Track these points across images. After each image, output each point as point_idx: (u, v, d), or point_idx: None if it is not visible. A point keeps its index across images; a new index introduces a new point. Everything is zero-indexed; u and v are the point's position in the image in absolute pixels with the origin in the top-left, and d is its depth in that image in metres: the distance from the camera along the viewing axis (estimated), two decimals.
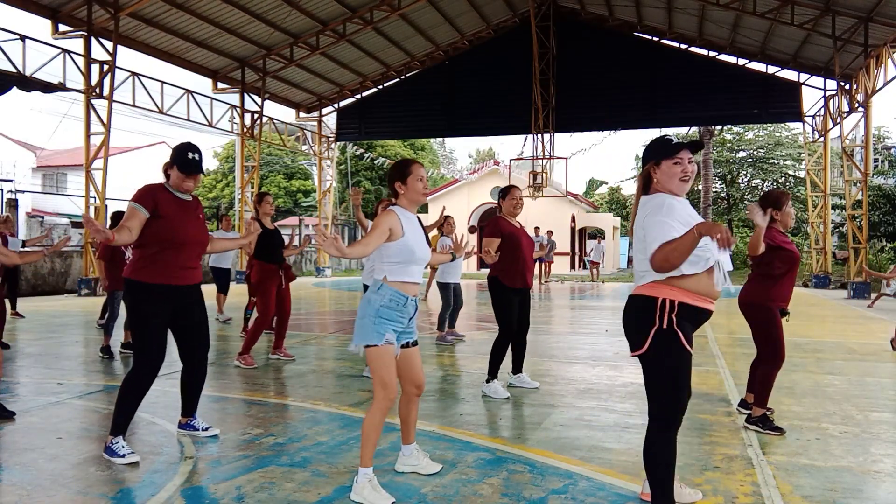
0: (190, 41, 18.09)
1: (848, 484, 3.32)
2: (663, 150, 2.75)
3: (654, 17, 20.88)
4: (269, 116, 23.31)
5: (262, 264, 6.64)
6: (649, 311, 2.65)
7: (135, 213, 3.66)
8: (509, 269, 5.17)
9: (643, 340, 2.66)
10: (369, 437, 3.06)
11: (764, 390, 4.21)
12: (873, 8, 15.27)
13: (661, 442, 2.69)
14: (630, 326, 2.77)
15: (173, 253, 3.74)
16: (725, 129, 34.92)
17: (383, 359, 3.11)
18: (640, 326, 2.68)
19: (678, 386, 2.66)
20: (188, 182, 3.82)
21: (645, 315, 2.66)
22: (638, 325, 2.71)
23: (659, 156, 2.75)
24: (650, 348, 2.64)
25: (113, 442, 3.60)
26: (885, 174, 29.49)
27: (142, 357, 3.71)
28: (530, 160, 23.03)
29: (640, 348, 2.68)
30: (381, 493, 3.01)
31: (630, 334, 2.77)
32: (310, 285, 20.62)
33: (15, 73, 14.09)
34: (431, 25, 21.77)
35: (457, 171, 39.71)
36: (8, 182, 25.12)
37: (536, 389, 5.40)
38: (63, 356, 7.13)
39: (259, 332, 6.57)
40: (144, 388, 3.70)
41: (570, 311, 12.66)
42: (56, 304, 13.48)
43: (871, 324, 10.54)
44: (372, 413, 3.09)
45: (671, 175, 2.71)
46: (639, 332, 2.69)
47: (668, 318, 2.62)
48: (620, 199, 44.30)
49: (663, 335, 2.62)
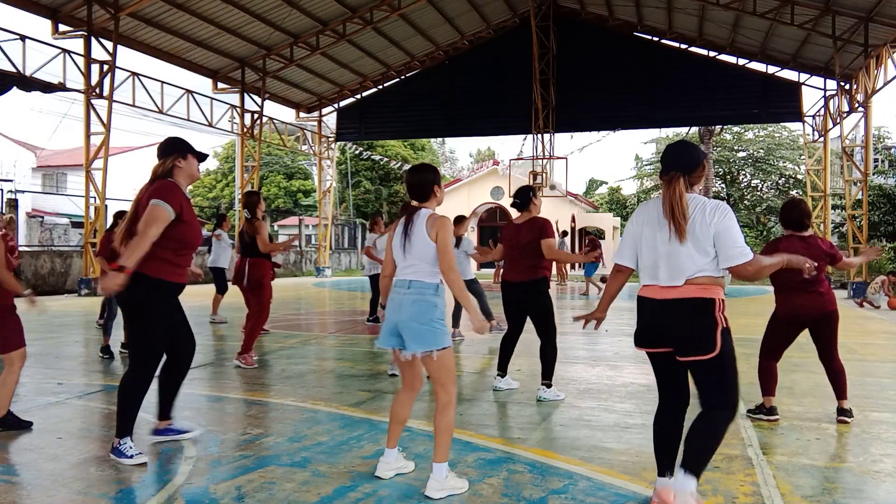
0: (190, 41, 18.08)
1: (848, 484, 3.32)
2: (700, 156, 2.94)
3: (654, 17, 20.88)
4: (269, 116, 23.31)
5: (265, 261, 6.68)
6: (709, 312, 2.74)
7: (163, 213, 3.52)
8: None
9: (713, 342, 2.73)
10: (449, 433, 3.18)
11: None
12: (873, 8, 15.26)
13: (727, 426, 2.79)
14: (688, 330, 2.77)
15: (188, 253, 3.76)
16: (725, 129, 34.91)
17: (452, 358, 3.24)
18: (705, 329, 2.74)
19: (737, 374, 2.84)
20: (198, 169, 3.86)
21: (707, 317, 2.74)
22: (702, 329, 2.75)
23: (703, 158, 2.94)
24: (721, 348, 2.73)
25: (120, 443, 3.56)
26: (885, 174, 29.50)
27: (147, 354, 3.65)
28: (530, 160, 23.02)
29: (712, 350, 2.73)
30: (460, 479, 3.21)
31: (690, 339, 2.77)
32: (310, 285, 20.62)
33: (15, 73, 14.09)
34: (431, 25, 21.76)
35: (457, 171, 39.72)
36: (8, 182, 25.12)
37: (537, 390, 5.39)
38: (63, 356, 7.13)
39: (259, 329, 6.57)
40: (148, 385, 3.67)
41: (570, 311, 12.65)
42: (56, 304, 13.48)
43: (871, 324, 10.53)
44: (449, 412, 3.19)
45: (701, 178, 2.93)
46: (706, 335, 2.74)
47: (724, 317, 2.77)
48: (620, 199, 44.30)
49: (725, 333, 2.75)
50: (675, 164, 2.88)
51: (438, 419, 3.19)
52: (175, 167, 3.74)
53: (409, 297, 3.22)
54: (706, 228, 2.76)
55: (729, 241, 2.75)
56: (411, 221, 3.29)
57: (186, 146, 3.81)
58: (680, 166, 2.87)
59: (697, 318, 2.76)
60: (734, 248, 2.75)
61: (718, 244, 2.76)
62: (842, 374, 4.42)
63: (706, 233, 2.76)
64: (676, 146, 2.97)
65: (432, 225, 3.24)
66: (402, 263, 3.31)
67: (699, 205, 2.82)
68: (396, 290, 3.30)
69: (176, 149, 3.77)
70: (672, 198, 2.82)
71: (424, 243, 3.23)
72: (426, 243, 3.23)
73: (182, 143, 3.81)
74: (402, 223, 3.32)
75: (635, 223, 3.03)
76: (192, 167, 3.81)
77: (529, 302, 5.19)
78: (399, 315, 3.22)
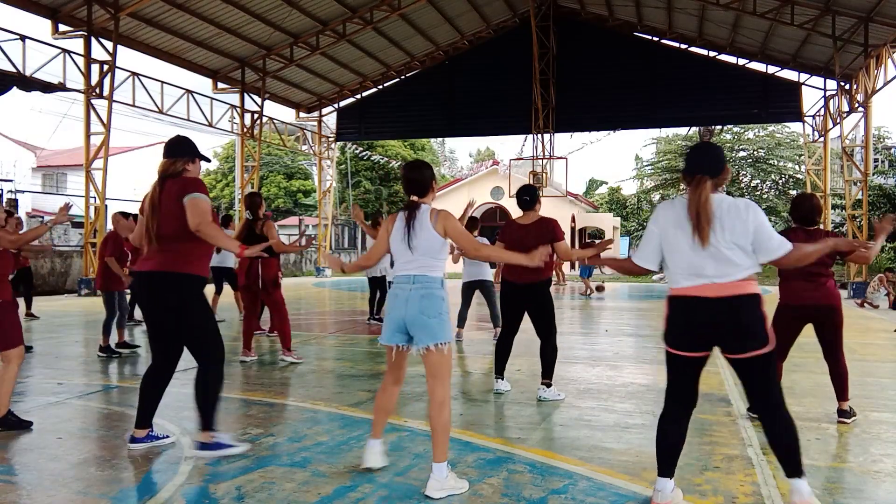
0: (190, 41, 18.09)
1: (848, 484, 3.32)
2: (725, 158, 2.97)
3: (654, 17, 20.88)
4: (269, 116, 23.32)
5: (275, 260, 6.74)
6: (759, 306, 2.80)
7: (209, 205, 3.65)
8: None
9: (766, 335, 2.79)
10: (447, 432, 3.18)
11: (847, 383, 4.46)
12: (873, 8, 15.26)
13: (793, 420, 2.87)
14: (747, 326, 2.79)
15: (211, 249, 3.83)
16: (725, 128, 34.90)
17: (451, 354, 3.24)
18: (760, 324, 2.79)
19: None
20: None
21: (760, 312, 2.80)
22: (758, 324, 2.79)
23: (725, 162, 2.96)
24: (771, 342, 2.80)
25: (216, 437, 3.65)
26: (885, 174, 29.49)
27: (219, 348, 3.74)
28: (530, 160, 23.03)
29: (767, 342, 2.79)
30: (460, 480, 3.21)
31: (748, 334, 2.79)
32: (310, 285, 20.62)
33: (15, 73, 14.09)
34: (431, 25, 21.77)
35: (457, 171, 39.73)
36: (8, 182, 25.13)
37: (537, 390, 5.39)
38: (63, 356, 7.13)
39: (288, 322, 6.75)
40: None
41: (569, 311, 12.66)
42: (56, 304, 13.48)
43: (871, 324, 10.53)
44: (445, 410, 3.18)
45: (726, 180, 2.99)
46: (761, 329, 2.79)
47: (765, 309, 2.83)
48: (620, 199, 44.27)
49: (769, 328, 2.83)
50: (701, 167, 2.87)
51: (436, 418, 3.19)
52: (185, 170, 3.75)
53: (416, 291, 3.22)
54: (746, 227, 2.79)
55: (766, 236, 2.81)
56: (414, 217, 3.29)
57: (195, 150, 3.83)
58: (706, 169, 2.86)
59: (754, 314, 2.80)
60: (772, 242, 2.81)
61: (757, 240, 2.81)
62: (845, 376, 4.42)
63: (746, 231, 2.79)
64: (701, 148, 2.98)
65: (437, 219, 3.26)
66: (405, 258, 3.30)
67: (731, 205, 2.83)
68: (400, 286, 3.29)
69: (186, 151, 3.78)
70: (698, 202, 2.81)
71: (430, 236, 3.25)
72: (432, 236, 3.24)
73: (192, 146, 3.83)
74: (404, 218, 3.31)
75: (660, 225, 2.96)
76: (198, 171, 3.85)
77: (534, 303, 5.14)
78: (407, 310, 3.21)
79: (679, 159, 33.29)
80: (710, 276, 2.81)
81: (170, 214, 3.61)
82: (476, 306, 9.23)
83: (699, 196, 2.82)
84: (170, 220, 3.61)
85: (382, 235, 3.45)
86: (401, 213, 3.36)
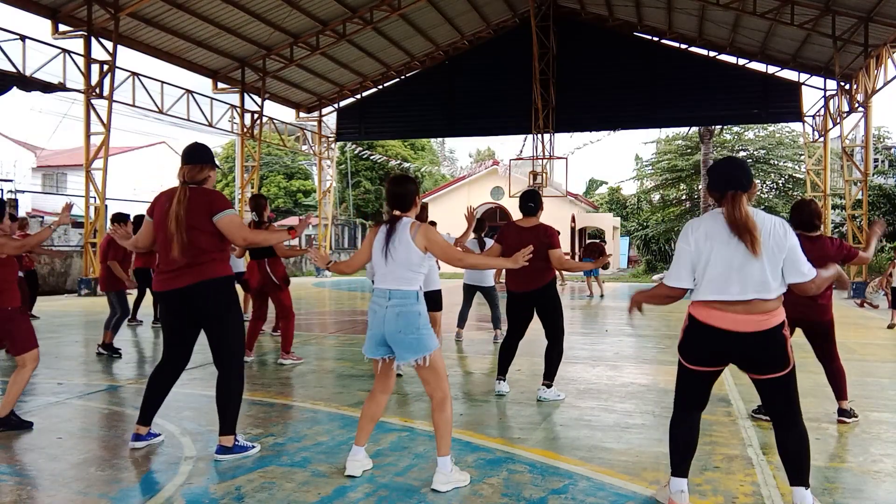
0: (190, 41, 18.07)
1: (848, 484, 3.32)
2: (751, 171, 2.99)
3: (654, 17, 20.87)
4: (269, 116, 23.30)
5: (280, 259, 6.74)
6: (783, 331, 2.82)
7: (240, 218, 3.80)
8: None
9: (789, 358, 2.83)
10: (449, 427, 3.26)
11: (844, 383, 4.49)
12: (873, 8, 15.26)
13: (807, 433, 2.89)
14: (773, 357, 2.83)
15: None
16: (725, 128, 34.90)
17: (441, 358, 3.33)
18: (784, 349, 2.82)
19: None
20: None
21: (783, 338, 2.82)
22: (782, 350, 2.82)
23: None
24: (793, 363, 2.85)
25: (238, 439, 3.70)
26: (885, 174, 29.49)
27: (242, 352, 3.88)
28: (530, 160, 23.03)
29: (789, 363, 2.83)
30: (462, 472, 3.31)
31: (770, 359, 2.83)
32: (310, 285, 20.62)
33: (15, 73, 14.08)
34: (431, 25, 21.76)
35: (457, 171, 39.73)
36: (8, 182, 25.14)
37: (538, 390, 5.39)
38: (63, 356, 7.13)
39: (293, 325, 6.76)
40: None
41: (569, 311, 12.65)
42: (56, 304, 13.48)
43: (871, 323, 10.53)
44: (446, 408, 3.27)
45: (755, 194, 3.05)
46: (784, 354, 2.83)
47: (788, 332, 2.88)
48: (620, 199, 44.26)
49: (791, 348, 2.87)
50: (733, 183, 2.85)
51: (437, 416, 3.27)
52: (208, 178, 3.78)
53: (391, 309, 3.27)
54: (782, 245, 2.79)
55: (800, 258, 2.82)
56: (394, 230, 3.34)
57: (214, 158, 3.90)
58: (739, 184, 2.85)
59: (780, 343, 2.81)
60: (804, 265, 2.82)
61: (789, 259, 2.81)
62: (841, 376, 4.42)
63: (782, 248, 2.79)
64: (728, 164, 2.95)
65: (416, 232, 3.31)
66: (383, 270, 3.34)
67: (767, 220, 2.82)
68: (377, 302, 3.34)
69: (209, 159, 3.83)
70: (739, 217, 2.79)
71: (408, 249, 3.29)
72: (410, 249, 3.29)
73: (211, 155, 3.90)
74: (385, 231, 3.36)
75: (692, 240, 2.88)
76: (215, 178, 3.92)
77: (541, 306, 5.16)
78: (384, 328, 3.29)
79: (679, 159, 33.25)
80: (740, 294, 2.77)
81: (201, 229, 3.61)
82: (476, 306, 9.23)
83: (741, 211, 2.81)
84: (201, 235, 3.60)
85: (366, 244, 3.49)
86: (383, 226, 3.41)
